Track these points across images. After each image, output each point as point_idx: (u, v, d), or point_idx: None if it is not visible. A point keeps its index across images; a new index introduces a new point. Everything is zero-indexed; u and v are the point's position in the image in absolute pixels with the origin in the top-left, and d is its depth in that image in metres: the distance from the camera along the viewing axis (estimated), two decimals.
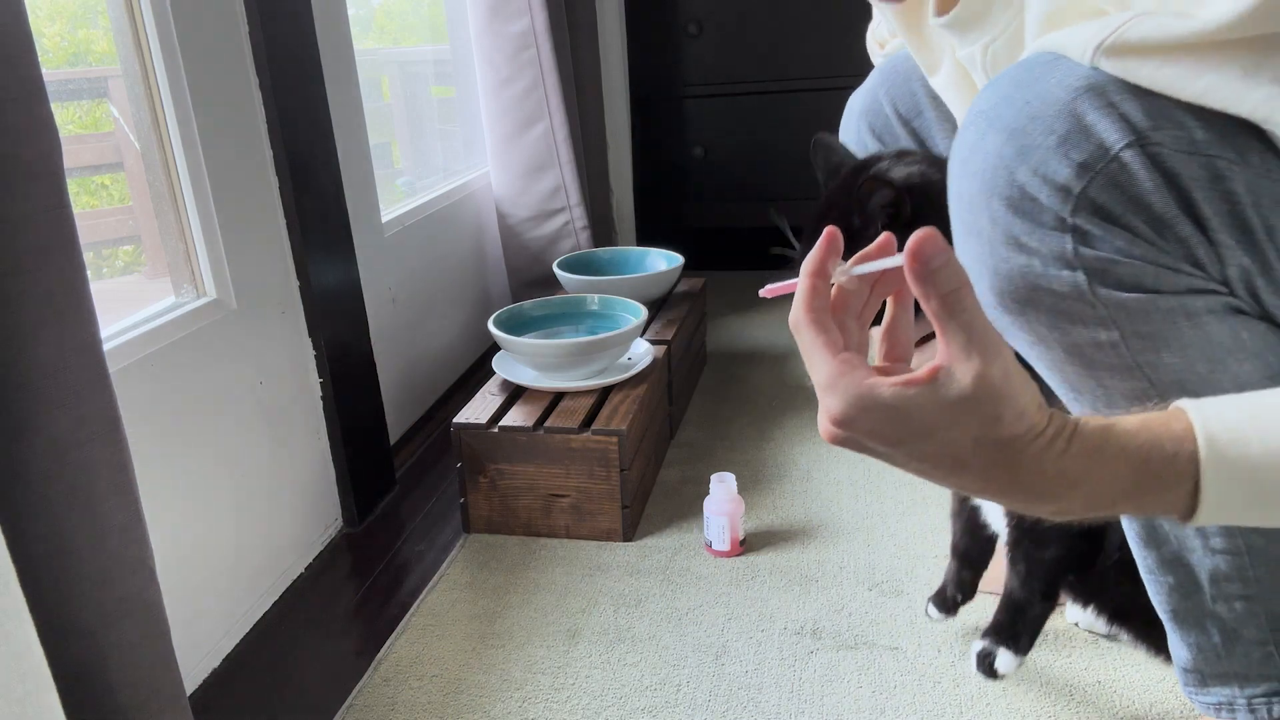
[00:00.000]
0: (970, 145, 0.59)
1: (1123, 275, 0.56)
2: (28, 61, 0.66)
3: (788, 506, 1.35)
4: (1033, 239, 0.57)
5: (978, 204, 0.59)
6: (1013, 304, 0.60)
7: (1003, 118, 0.57)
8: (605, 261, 1.88)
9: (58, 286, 0.68)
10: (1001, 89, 0.59)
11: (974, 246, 0.60)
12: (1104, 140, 0.54)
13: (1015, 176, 0.57)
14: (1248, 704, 0.65)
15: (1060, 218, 0.56)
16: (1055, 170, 0.55)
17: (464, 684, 1.03)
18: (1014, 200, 0.57)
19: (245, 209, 1.17)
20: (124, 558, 0.74)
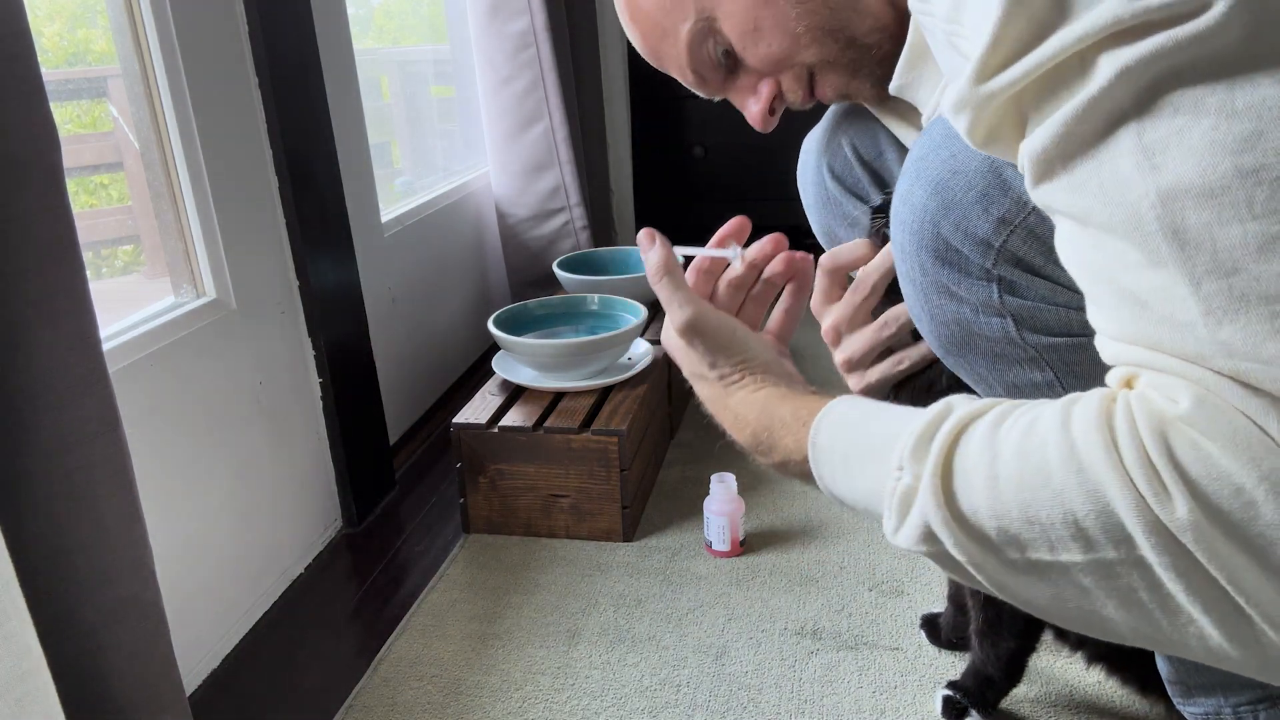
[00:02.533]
0: (902, 196, 0.61)
1: (1049, 320, 0.58)
2: (27, 61, 0.66)
3: (788, 506, 1.35)
4: (961, 289, 0.59)
5: (909, 254, 0.61)
6: (951, 347, 0.63)
7: (930, 169, 0.59)
8: (605, 261, 1.88)
9: (57, 286, 0.68)
10: (934, 138, 0.60)
11: (911, 292, 0.63)
12: (1021, 195, 0.55)
13: (940, 230, 0.58)
14: (1233, 712, 0.65)
15: (984, 269, 0.58)
16: (976, 225, 0.57)
17: (464, 684, 1.03)
18: (940, 252, 0.59)
19: (245, 209, 1.17)
20: (124, 558, 0.74)
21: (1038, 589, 0.42)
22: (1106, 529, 0.39)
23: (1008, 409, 0.44)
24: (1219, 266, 0.37)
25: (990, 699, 0.92)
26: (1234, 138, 0.36)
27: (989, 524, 0.42)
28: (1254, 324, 0.37)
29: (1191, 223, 0.37)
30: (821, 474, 0.53)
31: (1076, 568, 0.40)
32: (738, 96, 0.77)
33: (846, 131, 0.91)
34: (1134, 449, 0.38)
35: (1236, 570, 0.37)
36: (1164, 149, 0.38)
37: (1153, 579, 0.38)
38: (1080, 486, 0.39)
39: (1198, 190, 0.37)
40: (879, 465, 0.47)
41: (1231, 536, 0.37)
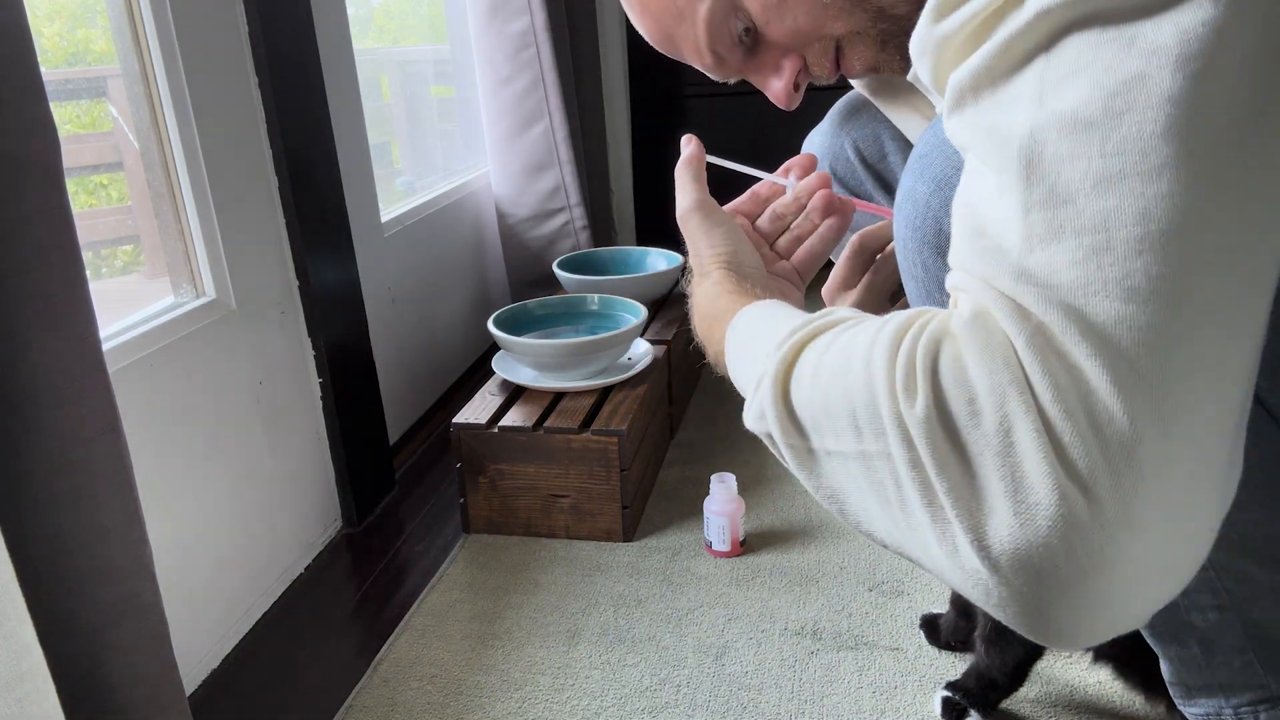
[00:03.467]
0: (905, 191, 0.61)
1: None
2: (27, 61, 0.66)
3: (788, 506, 1.35)
4: None
5: (911, 250, 0.61)
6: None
7: (933, 166, 0.59)
8: (605, 261, 1.88)
9: (57, 286, 0.68)
10: (938, 134, 0.60)
11: (913, 289, 0.63)
12: None
13: (943, 226, 0.58)
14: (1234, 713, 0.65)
15: None
16: None
17: (464, 684, 1.03)
18: (942, 249, 0.59)
19: (244, 209, 1.17)
20: (123, 558, 0.74)
21: (827, 479, 0.45)
22: (871, 419, 0.41)
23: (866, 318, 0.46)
24: (1053, 197, 0.38)
25: (991, 700, 0.92)
26: (1118, 79, 0.37)
27: (804, 409, 0.45)
28: (1059, 254, 0.37)
29: (1048, 154, 0.38)
30: (728, 362, 0.56)
31: (850, 457, 0.43)
32: (758, 75, 0.75)
33: (850, 134, 0.91)
34: (907, 351, 0.40)
35: (949, 472, 0.38)
36: (1056, 86, 0.38)
37: (895, 473, 0.40)
38: (862, 379, 0.41)
39: (1065, 124, 0.38)
40: (761, 352, 0.49)
41: (953, 440, 0.38)
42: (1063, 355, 0.37)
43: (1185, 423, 0.36)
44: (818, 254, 0.71)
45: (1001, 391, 0.37)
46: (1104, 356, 0.36)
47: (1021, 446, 0.37)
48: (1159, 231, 0.36)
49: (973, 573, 0.39)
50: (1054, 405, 0.37)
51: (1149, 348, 0.36)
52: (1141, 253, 0.36)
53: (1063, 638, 0.39)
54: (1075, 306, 0.37)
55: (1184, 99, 0.35)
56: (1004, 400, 0.37)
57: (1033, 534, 0.36)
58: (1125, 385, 0.36)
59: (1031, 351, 0.37)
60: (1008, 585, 0.38)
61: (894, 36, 0.69)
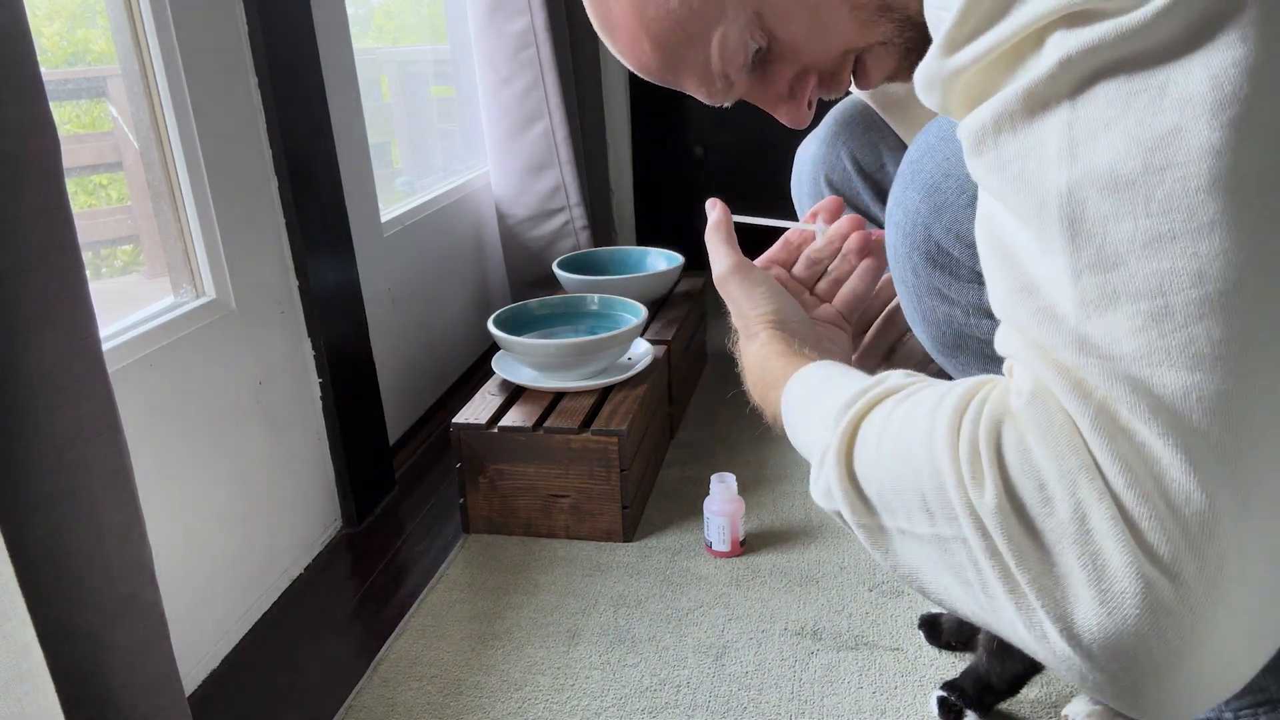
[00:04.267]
0: (896, 198, 0.61)
1: None
2: (27, 61, 0.66)
3: (788, 506, 1.35)
4: (952, 291, 0.60)
5: (902, 256, 0.62)
6: (944, 348, 0.63)
7: (923, 173, 0.59)
8: (605, 261, 1.88)
9: (57, 286, 0.68)
10: (929, 140, 0.60)
11: (904, 294, 0.64)
12: None
13: (932, 233, 0.59)
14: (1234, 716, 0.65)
15: (975, 271, 0.58)
16: (967, 228, 0.57)
17: (464, 684, 1.03)
18: (932, 255, 0.59)
19: (244, 209, 1.17)
20: (123, 558, 0.74)
21: (903, 557, 0.44)
22: (941, 505, 0.40)
23: (922, 385, 0.45)
24: (1102, 260, 0.37)
25: (987, 703, 0.92)
26: (1153, 134, 0.35)
27: (870, 487, 0.44)
28: (1118, 320, 0.36)
29: (1090, 214, 0.37)
30: (787, 429, 0.55)
31: (925, 539, 0.42)
32: (766, 96, 0.71)
33: (846, 143, 0.90)
34: (970, 434, 0.39)
35: (1028, 561, 0.37)
36: (1088, 140, 0.37)
37: (973, 559, 0.40)
38: (927, 463, 0.41)
39: (1104, 183, 0.36)
40: (818, 423, 0.49)
41: (1028, 528, 0.38)
42: (1130, 434, 0.36)
43: (1262, 491, 0.35)
44: (860, 294, 0.71)
45: (1072, 478, 0.36)
46: (1175, 434, 0.35)
47: (1099, 533, 0.36)
48: (1217, 292, 0.34)
49: (1065, 658, 0.38)
50: (1128, 490, 0.35)
51: (1220, 417, 0.35)
52: (1203, 317, 0.34)
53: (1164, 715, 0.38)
54: (1140, 379, 0.36)
55: (1225, 150, 0.34)
56: (1075, 486, 0.36)
57: (1121, 622, 0.36)
58: (1199, 461, 0.35)
59: (1098, 433, 0.36)
60: (1102, 670, 0.37)
61: (917, 45, 0.67)
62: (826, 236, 0.72)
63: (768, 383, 0.59)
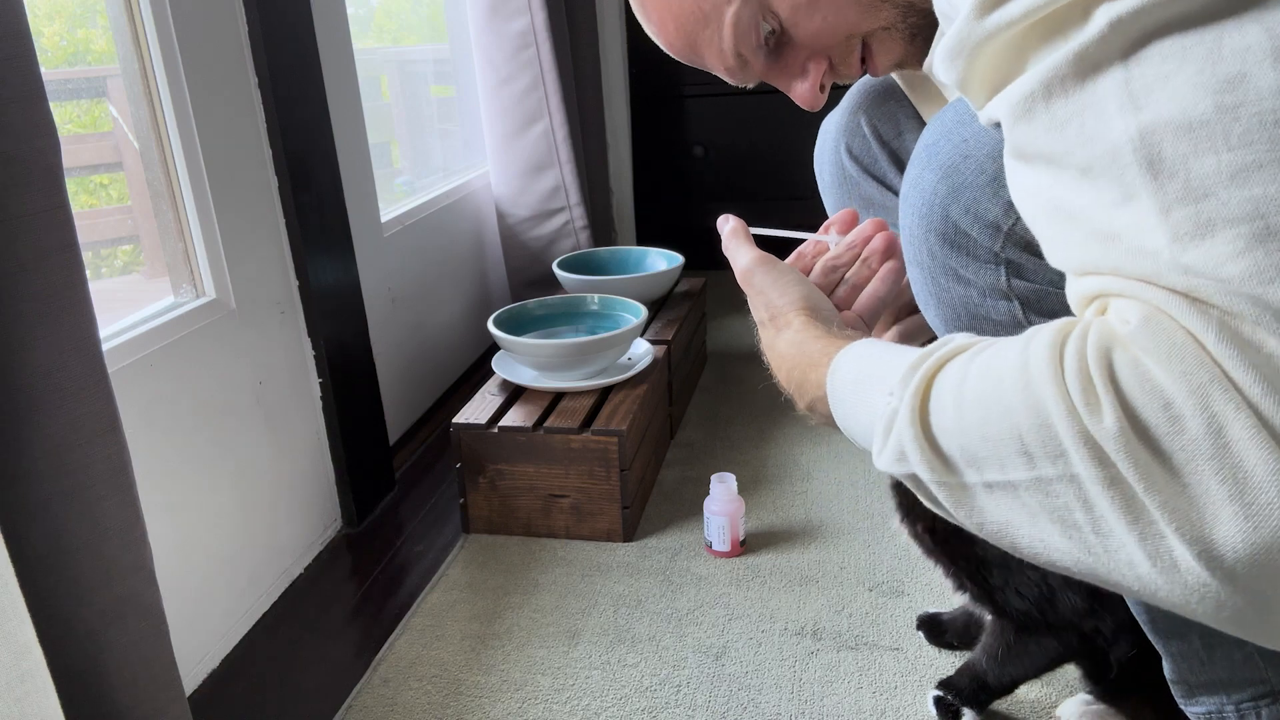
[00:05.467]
0: (911, 180, 0.62)
1: (1055, 305, 0.58)
2: (27, 61, 0.66)
3: (788, 506, 1.35)
4: (969, 271, 0.60)
5: (917, 237, 0.62)
6: (957, 330, 0.63)
7: (940, 154, 0.59)
8: (605, 261, 1.88)
9: (57, 286, 0.68)
10: (945, 123, 0.60)
11: (918, 276, 0.64)
12: None
13: (949, 214, 0.59)
14: (1236, 709, 0.65)
15: (993, 252, 0.58)
16: (986, 208, 0.57)
17: (464, 684, 1.03)
18: (949, 236, 0.59)
19: (244, 209, 1.17)
20: (123, 558, 0.74)
21: (991, 513, 0.43)
22: (1045, 443, 0.39)
23: (992, 340, 0.45)
24: (1190, 193, 0.37)
25: (981, 701, 0.92)
26: (1217, 79, 0.37)
27: (952, 443, 0.43)
28: (1218, 246, 0.37)
29: (1168, 154, 0.38)
30: (834, 407, 0.53)
31: (1022, 486, 0.41)
32: (782, 77, 0.74)
33: (867, 112, 0.91)
34: (1076, 364, 0.39)
35: (1156, 484, 0.37)
36: (1148, 92, 0.38)
37: (1084, 495, 0.39)
38: (1025, 402, 0.40)
39: (1177, 125, 0.38)
40: (877, 391, 0.48)
41: (1155, 450, 0.37)
42: (1258, 346, 0.36)
43: None
44: (882, 297, 0.71)
45: (1203, 392, 0.36)
46: None
47: (1239, 445, 0.35)
48: None
49: (1198, 587, 0.37)
50: (1266, 398, 0.35)
51: None
52: None
53: None
54: (1256, 295, 0.36)
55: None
56: (1208, 401, 0.36)
57: (1270, 535, 0.35)
58: None
59: (1225, 344, 0.36)
60: (1245, 592, 0.36)
61: (921, 30, 0.69)
62: (846, 242, 0.72)
63: (807, 364, 0.58)
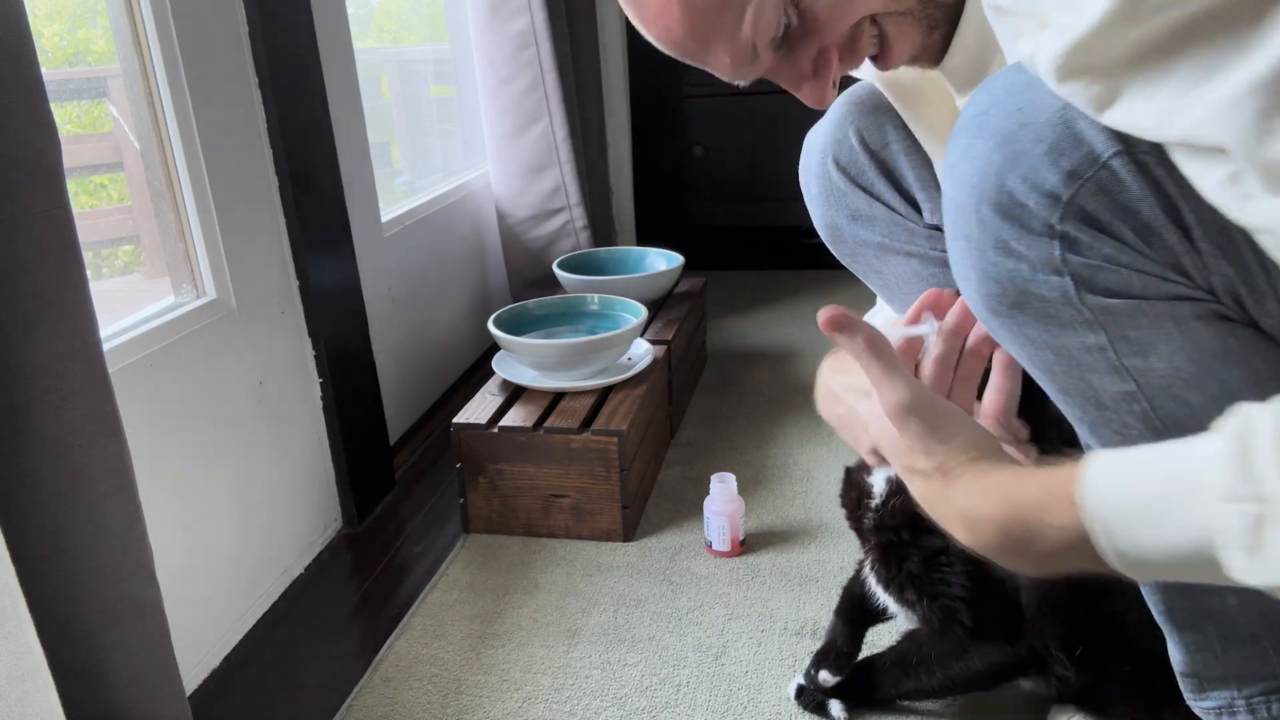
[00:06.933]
0: (960, 150, 0.60)
1: (1110, 282, 0.57)
2: (27, 61, 0.66)
3: (788, 506, 1.35)
4: (1021, 244, 0.58)
5: (966, 209, 0.60)
6: (1001, 307, 0.61)
7: (992, 123, 0.58)
8: (605, 261, 1.88)
9: (57, 286, 0.68)
10: (994, 93, 0.59)
11: (963, 249, 0.61)
12: (1093, 148, 0.55)
13: (1004, 183, 0.57)
14: (1247, 704, 0.65)
15: (1049, 224, 0.56)
16: (1044, 177, 0.56)
17: (464, 684, 1.03)
18: (1003, 206, 0.58)
19: (245, 208, 1.17)
20: (124, 558, 0.74)
21: None
22: None
23: None
24: None
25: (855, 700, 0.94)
26: None
27: None
28: None
29: None
30: (1115, 543, 0.47)
31: None
32: (790, 73, 0.69)
33: (854, 123, 0.90)
34: None
35: None
36: None
37: None
38: None
39: None
40: (1194, 505, 0.44)
41: None
42: None
43: None
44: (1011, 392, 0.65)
45: None
46: None
47: None
48: None
49: None
50: None
51: None
52: None
53: None
54: None
55: None
56: None
57: None
58: None
59: None
60: None
61: (940, 25, 0.68)
62: (948, 331, 0.64)
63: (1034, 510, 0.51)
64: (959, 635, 0.84)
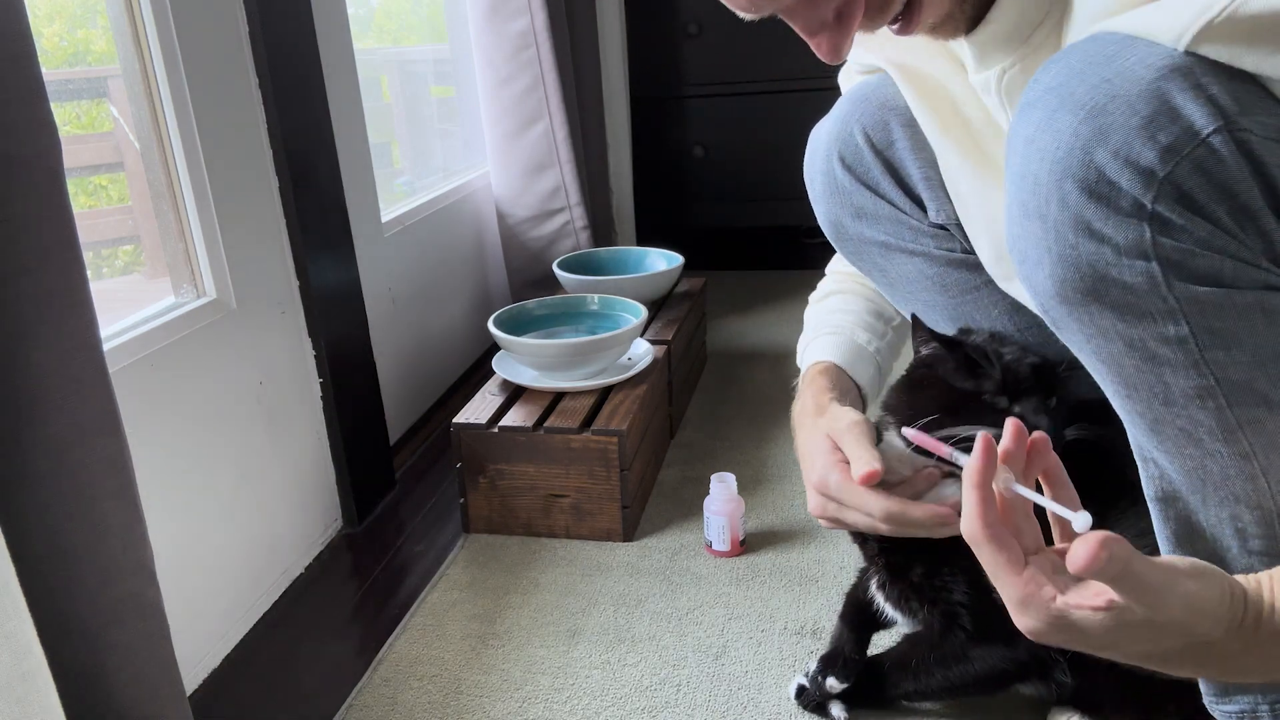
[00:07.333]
0: (1038, 123, 0.56)
1: (1200, 268, 0.53)
2: (27, 61, 0.66)
3: (788, 506, 1.35)
4: (1107, 226, 0.54)
5: (1046, 186, 0.55)
6: (1074, 294, 0.57)
7: (1077, 95, 0.54)
8: (605, 261, 1.88)
9: (58, 286, 0.68)
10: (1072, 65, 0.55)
11: (1037, 230, 0.57)
12: (1192, 123, 0.51)
13: (1093, 158, 0.53)
14: (1270, 709, 0.63)
15: (1140, 204, 0.53)
16: (1139, 153, 0.52)
17: (464, 684, 1.03)
18: (1089, 184, 0.53)
19: (245, 209, 1.17)
20: (124, 558, 0.74)
21: None
22: None
23: None
24: None
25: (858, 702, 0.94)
26: None
27: None
28: None
29: None
30: None
31: None
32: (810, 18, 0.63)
33: (859, 120, 0.88)
34: None
35: None
36: None
37: None
38: None
39: None
40: None
41: None
42: None
43: None
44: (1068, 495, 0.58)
45: None
46: None
47: None
48: None
49: None
50: None
51: None
52: None
53: None
54: None
55: None
56: None
57: None
58: None
59: None
60: None
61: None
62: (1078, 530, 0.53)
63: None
64: (960, 639, 0.84)
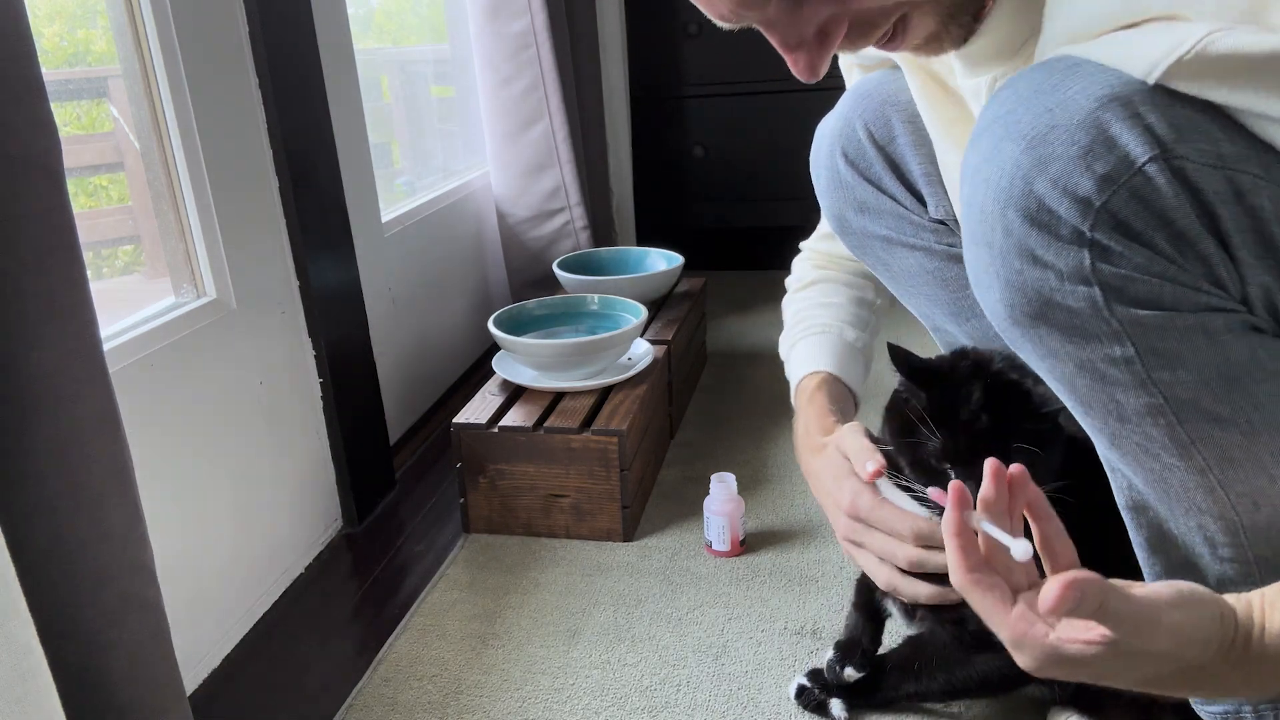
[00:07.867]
0: (985, 153, 0.57)
1: (1140, 292, 0.55)
2: (27, 61, 0.66)
3: (788, 506, 1.35)
4: (1049, 253, 0.55)
5: (991, 215, 0.57)
6: (1024, 317, 0.59)
7: (1022, 124, 0.55)
8: (605, 261, 1.88)
9: (57, 286, 0.68)
10: (1020, 93, 0.56)
11: (985, 257, 0.58)
12: (1128, 152, 0.52)
13: (1033, 188, 0.54)
14: (1254, 711, 0.64)
15: (1079, 232, 0.54)
16: (1076, 183, 0.53)
17: (464, 684, 1.03)
18: (1031, 212, 0.55)
19: (245, 209, 1.17)
20: (124, 558, 0.74)
21: None
22: None
23: None
24: None
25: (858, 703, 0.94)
26: None
27: None
28: None
29: None
30: None
31: None
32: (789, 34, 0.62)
33: (861, 115, 0.89)
34: None
35: None
36: None
37: None
38: None
39: None
40: None
41: None
42: None
43: None
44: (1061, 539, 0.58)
45: None
46: None
47: None
48: None
49: None
50: None
51: None
52: None
53: None
54: None
55: None
56: None
57: None
58: None
59: None
60: None
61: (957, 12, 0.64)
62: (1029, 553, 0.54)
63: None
64: (963, 641, 0.84)
